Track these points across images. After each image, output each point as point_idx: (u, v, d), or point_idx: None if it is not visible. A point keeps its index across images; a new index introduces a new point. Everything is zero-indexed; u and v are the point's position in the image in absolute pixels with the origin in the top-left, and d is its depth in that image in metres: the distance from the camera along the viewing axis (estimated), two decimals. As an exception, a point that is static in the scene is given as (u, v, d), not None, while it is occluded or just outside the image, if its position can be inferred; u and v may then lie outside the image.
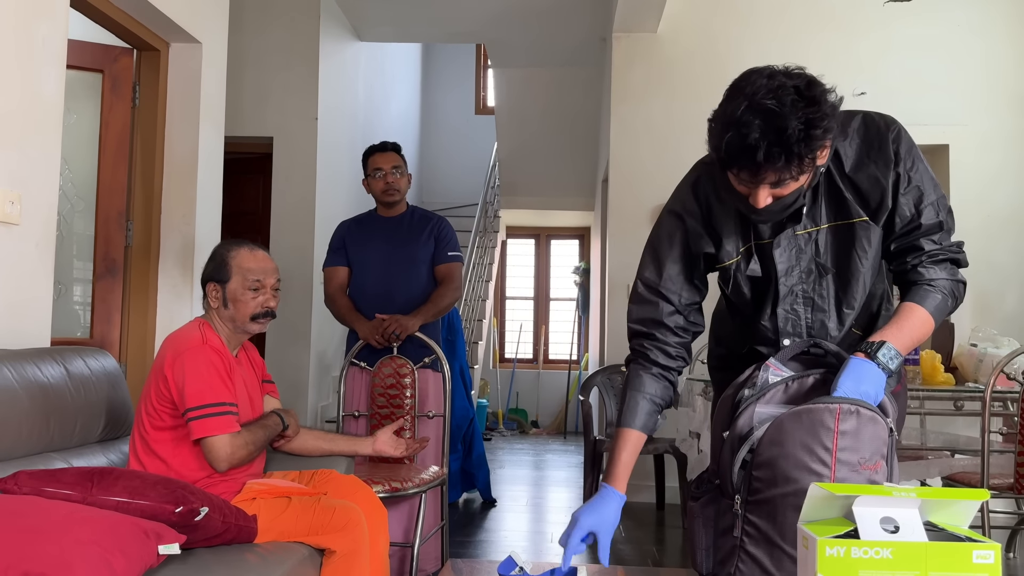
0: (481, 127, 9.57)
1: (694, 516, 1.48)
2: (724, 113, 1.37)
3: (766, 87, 1.33)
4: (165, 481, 1.80)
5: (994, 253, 4.59)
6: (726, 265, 1.58)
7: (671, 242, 1.61)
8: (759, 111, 1.32)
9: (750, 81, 1.36)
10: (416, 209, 3.32)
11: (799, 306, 1.55)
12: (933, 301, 1.50)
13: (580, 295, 8.65)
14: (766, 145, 1.31)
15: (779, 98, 1.32)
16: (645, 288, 1.63)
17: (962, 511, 1.03)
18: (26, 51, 2.37)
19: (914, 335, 1.49)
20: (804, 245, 1.53)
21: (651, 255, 1.64)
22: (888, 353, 1.43)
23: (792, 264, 1.53)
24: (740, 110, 1.33)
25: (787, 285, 1.54)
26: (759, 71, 1.38)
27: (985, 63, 4.73)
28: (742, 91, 1.36)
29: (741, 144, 1.33)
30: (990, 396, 2.67)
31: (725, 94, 1.40)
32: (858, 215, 1.50)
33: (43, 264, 2.46)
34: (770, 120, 1.31)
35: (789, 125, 1.31)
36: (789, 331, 1.56)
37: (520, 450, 7.07)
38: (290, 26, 5.21)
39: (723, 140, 1.35)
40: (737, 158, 1.35)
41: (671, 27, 4.88)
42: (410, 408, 3.06)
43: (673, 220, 1.62)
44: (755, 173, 1.36)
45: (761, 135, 1.31)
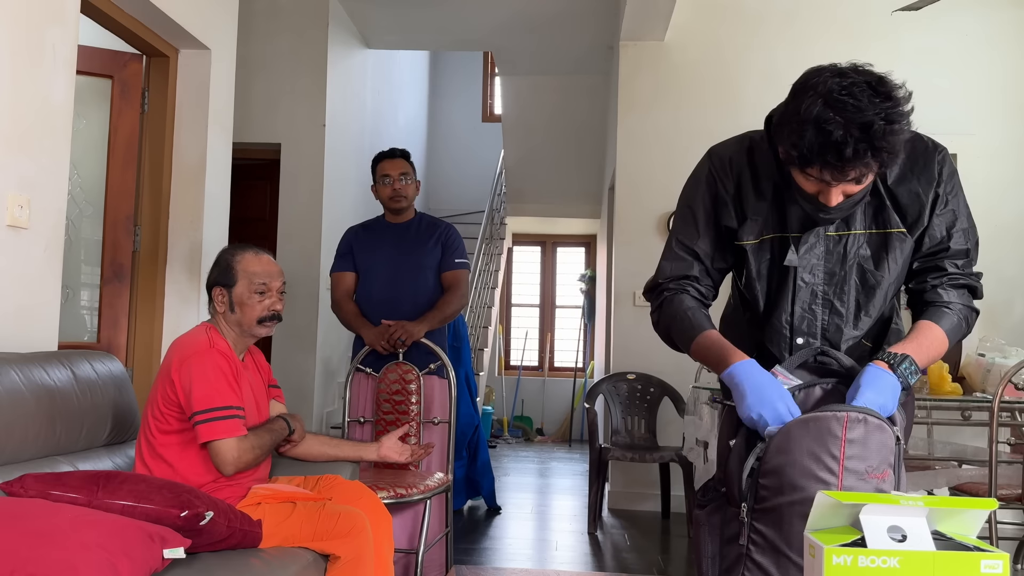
0: (488, 134, 9.59)
1: (700, 524, 1.47)
2: (797, 111, 1.34)
3: (839, 84, 1.32)
4: (171, 485, 1.80)
5: (1002, 263, 4.58)
6: (743, 245, 1.57)
7: (707, 206, 1.60)
8: (838, 108, 1.30)
9: (820, 79, 1.34)
10: (424, 216, 3.33)
11: (817, 307, 1.55)
12: (949, 322, 1.52)
13: (586, 303, 8.64)
14: (853, 141, 1.29)
15: (855, 95, 1.31)
16: (680, 246, 1.63)
17: (970, 520, 1.02)
18: (36, 56, 2.38)
19: (931, 353, 1.50)
20: (833, 247, 1.53)
21: (689, 215, 1.63)
22: (909, 368, 1.43)
23: (816, 263, 1.53)
24: (817, 108, 1.31)
25: (806, 282, 1.54)
26: (826, 69, 1.36)
27: (993, 73, 4.72)
28: (813, 88, 1.33)
29: (825, 141, 1.31)
30: (998, 406, 2.65)
31: (792, 93, 1.38)
32: (896, 226, 1.51)
33: (51, 268, 2.47)
34: (852, 116, 1.29)
35: (872, 121, 1.29)
36: (804, 330, 1.55)
37: (525, 458, 7.05)
38: (298, 33, 5.24)
39: (801, 139, 1.32)
40: (821, 155, 1.32)
41: (678, 35, 4.88)
42: (415, 414, 3.05)
43: (710, 185, 1.60)
44: (840, 170, 1.34)
45: (846, 131, 1.29)
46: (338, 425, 5.02)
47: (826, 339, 1.55)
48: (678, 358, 4.69)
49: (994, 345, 3.51)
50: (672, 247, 1.65)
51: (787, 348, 1.56)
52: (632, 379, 4.56)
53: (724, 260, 1.62)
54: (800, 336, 1.55)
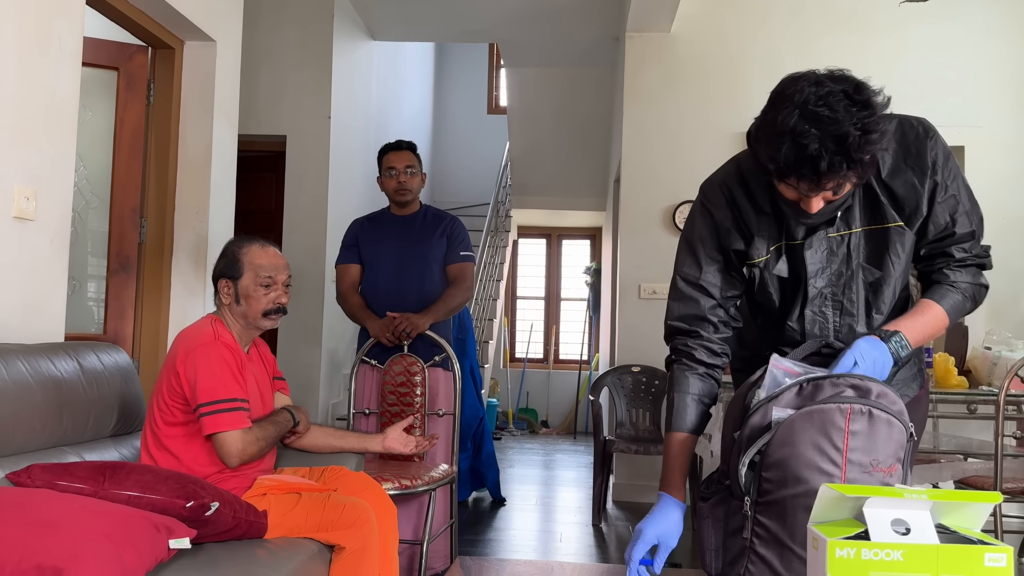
0: (493, 127, 9.58)
1: (703, 517, 1.47)
2: (774, 123, 1.33)
3: (815, 94, 1.30)
4: (176, 476, 1.81)
5: (1009, 256, 4.55)
6: (755, 263, 1.56)
7: (705, 237, 1.59)
8: (813, 119, 1.29)
9: (796, 88, 1.32)
10: (429, 208, 3.32)
11: (827, 309, 1.55)
12: (951, 300, 1.52)
13: (591, 295, 8.64)
14: (828, 155, 1.28)
15: (831, 105, 1.29)
16: (685, 283, 1.62)
17: (975, 514, 1.02)
18: (42, 48, 2.39)
19: (927, 330, 1.50)
20: (836, 247, 1.52)
21: (688, 250, 1.62)
22: (900, 342, 1.44)
23: (823, 266, 1.52)
24: (793, 119, 1.30)
25: (816, 287, 1.53)
26: (802, 77, 1.34)
27: (1001, 65, 4.69)
28: (789, 99, 1.32)
29: (801, 155, 1.30)
30: (1004, 399, 2.65)
31: (769, 102, 1.36)
32: (893, 220, 1.50)
33: (58, 260, 2.48)
34: (827, 128, 1.28)
35: (848, 132, 1.28)
36: (816, 333, 1.55)
37: (530, 450, 7.07)
38: (304, 25, 5.23)
39: (778, 151, 1.31)
40: (797, 169, 1.32)
41: (685, 27, 4.86)
42: (420, 406, 3.06)
43: (705, 216, 1.60)
44: (816, 182, 1.33)
45: (821, 144, 1.28)
46: (343, 417, 5.04)
47: (840, 341, 1.54)
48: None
49: (1000, 338, 3.50)
50: (677, 286, 1.64)
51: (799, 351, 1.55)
52: (637, 372, 4.56)
53: (734, 286, 1.61)
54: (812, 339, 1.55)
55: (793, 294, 1.56)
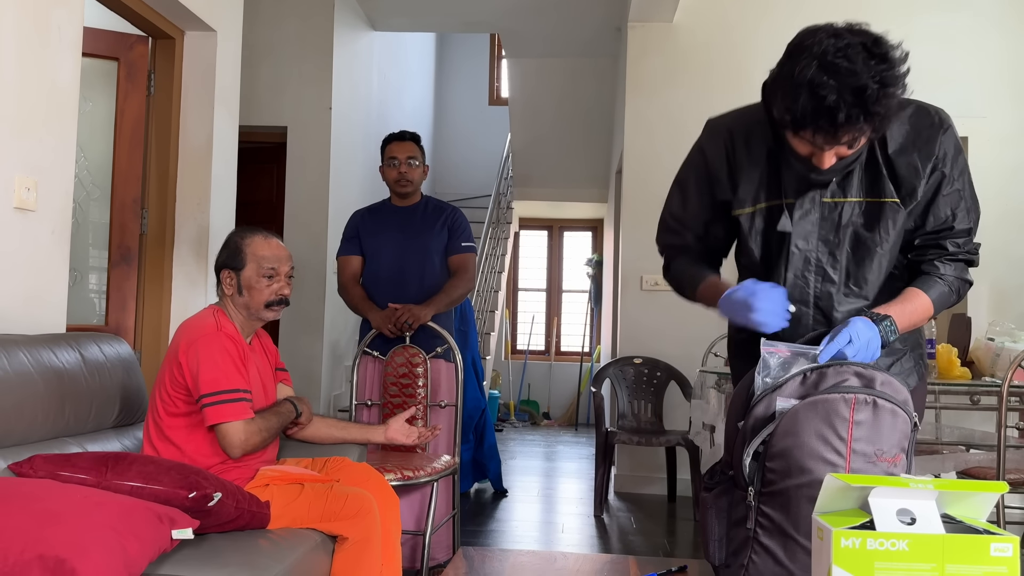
0: (495, 118, 9.55)
1: (707, 507, 1.47)
2: (791, 74, 1.31)
3: (834, 46, 1.29)
4: (179, 467, 1.81)
5: (1013, 247, 4.54)
6: (738, 216, 1.59)
7: (700, 178, 1.64)
8: (832, 71, 1.28)
9: (815, 40, 1.31)
10: (430, 199, 3.31)
11: (810, 274, 1.56)
12: (938, 292, 1.55)
13: (592, 287, 8.63)
14: (846, 107, 1.28)
15: (849, 57, 1.28)
16: (671, 218, 1.72)
17: (980, 504, 1.02)
18: (42, 38, 2.37)
19: (914, 319, 1.53)
20: (828, 213, 1.53)
21: (678, 189, 1.70)
22: (890, 327, 1.46)
23: (811, 229, 1.53)
24: (811, 70, 1.28)
25: (800, 249, 1.54)
26: (820, 28, 1.34)
27: (1006, 56, 4.67)
28: (807, 50, 1.31)
29: (818, 106, 1.29)
30: (1007, 391, 2.64)
31: (786, 54, 1.35)
32: (891, 196, 1.51)
33: (59, 251, 2.48)
34: (845, 80, 1.27)
35: (867, 85, 1.27)
36: (796, 297, 1.56)
37: (531, 441, 7.07)
38: (305, 16, 5.21)
39: (795, 102, 1.31)
40: (814, 120, 1.31)
41: (687, 16, 4.84)
42: (422, 397, 3.06)
43: (700, 159, 1.64)
44: (833, 135, 1.32)
45: (839, 96, 1.27)
46: (345, 408, 5.04)
47: (818, 308, 1.56)
48: (685, 342, 4.71)
49: (1003, 329, 3.49)
50: (664, 219, 1.74)
51: None
52: (639, 363, 4.55)
53: (716, 231, 1.67)
54: (792, 303, 1.56)
55: (776, 255, 1.57)
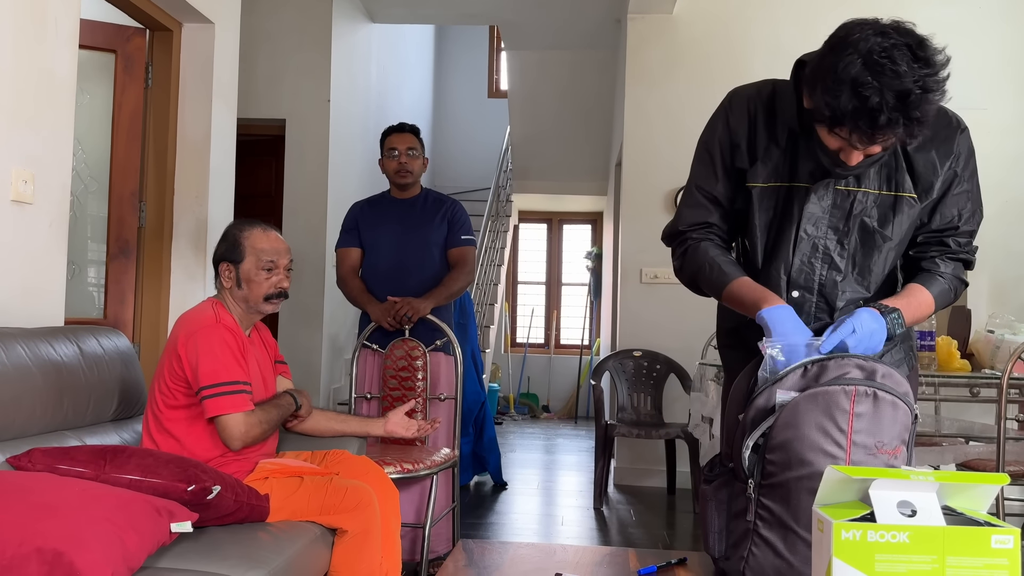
0: (494, 111, 9.53)
1: (707, 499, 1.46)
2: (834, 68, 1.29)
3: (880, 45, 1.27)
4: (178, 460, 1.81)
5: (1012, 239, 4.54)
6: (751, 187, 1.56)
7: (725, 146, 1.59)
8: (876, 71, 1.26)
9: (862, 36, 1.29)
10: (430, 192, 3.31)
11: (817, 260, 1.55)
12: (939, 288, 1.56)
13: (592, 280, 8.62)
14: (888, 110, 1.26)
15: (894, 59, 1.26)
16: (700, 192, 1.62)
17: (981, 495, 1.01)
18: (39, 31, 2.36)
19: (917, 314, 1.54)
20: (841, 201, 1.52)
21: (706, 159, 1.62)
22: (897, 320, 1.46)
23: (822, 216, 1.53)
24: (855, 68, 1.27)
25: (809, 234, 1.54)
26: (867, 24, 1.31)
27: (1006, 47, 4.65)
28: (853, 46, 1.29)
29: (861, 106, 1.27)
30: (1007, 383, 2.64)
31: (829, 46, 1.33)
32: (908, 190, 1.52)
33: (56, 243, 2.47)
34: (890, 82, 1.26)
35: (910, 89, 1.26)
36: (801, 283, 1.56)
37: (531, 434, 7.08)
38: (303, 8, 5.19)
39: (836, 99, 1.29)
40: (853, 119, 1.29)
41: (687, 8, 4.82)
42: (422, 390, 3.06)
43: (724, 125, 1.60)
44: (871, 136, 1.31)
45: (882, 98, 1.26)
46: (345, 401, 5.04)
47: (822, 295, 1.56)
48: (684, 335, 4.70)
49: (1003, 322, 3.49)
50: (692, 192, 1.64)
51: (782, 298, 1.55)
52: (638, 356, 4.55)
53: (742, 203, 1.61)
54: (796, 289, 1.56)
55: (783, 238, 1.56)
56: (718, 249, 1.61)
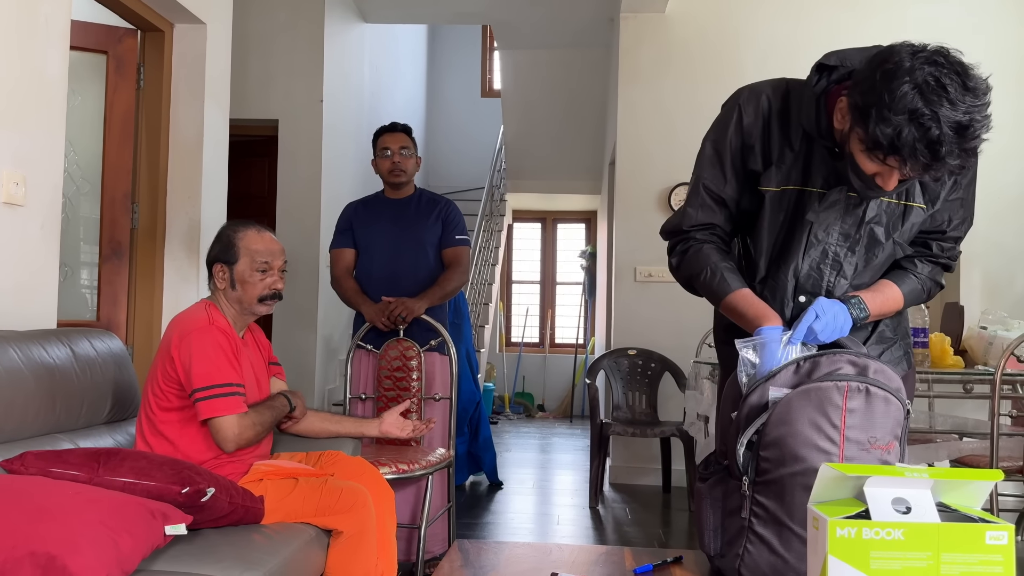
0: (487, 110, 9.52)
1: (702, 497, 1.47)
2: (889, 98, 1.27)
3: (933, 76, 1.26)
4: (171, 462, 1.80)
5: (1002, 235, 4.56)
6: (764, 191, 1.54)
7: (735, 147, 1.56)
8: (933, 103, 1.25)
9: (913, 65, 1.28)
10: (424, 192, 3.30)
11: (826, 266, 1.56)
12: (910, 287, 1.58)
13: (586, 279, 8.63)
14: (948, 142, 1.25)
15: (946, 89, 1.26)
16: (708, 193, 1.59)
17: (975, 492, 1.02)
18: (28, 31, 2.35)
19: (883, 308, 1.56)
20: (853, 208, 1.53)
21: (715, 158, 1.58)
22: (859, 304, 1.50)
23: (833, 222, 1.53)
24: (912, 98, 1.25)
25: (819, 240, 1.54)
26: (914, 51, 1.30)
27: (997, 44, 4.67)
28: (907, 74, 1.27)
29: (923, 137, 1.26)
30: (1000, 379, 2.65)
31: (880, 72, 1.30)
32: (918, 200, 1.53)
33: (48, 246, 2.46)
34: (948, 114, 1.25)
35: (970, 123, 1.26)
36: (808, 288, 1.57)
37: (526, 433, 7.08)
38: (295, 8, 5.18)
39: (894, 128, 1.27)
40: (911, 150, 1.27)
41: (680, 7, 4.82)
42: (416, 391, 3.05)
43: (738, 124, 1.56)
44: (927, 167, 1.29)
45: (941, 131, 1.25)
46: (340, 402, 5.03)
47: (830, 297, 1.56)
48: (679, 333, 4.70)
49: (996, 318, 3.50)
50: (699, 192, 1.60)
51: (789, 304, 1.57)
52: (633, 355, 4.56)
53: (748, 204, 1.59)
54: (803, 294, 1.56)
55: (793, 243, 1.55)
56: (720, 254, 1.59)
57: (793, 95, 1.53)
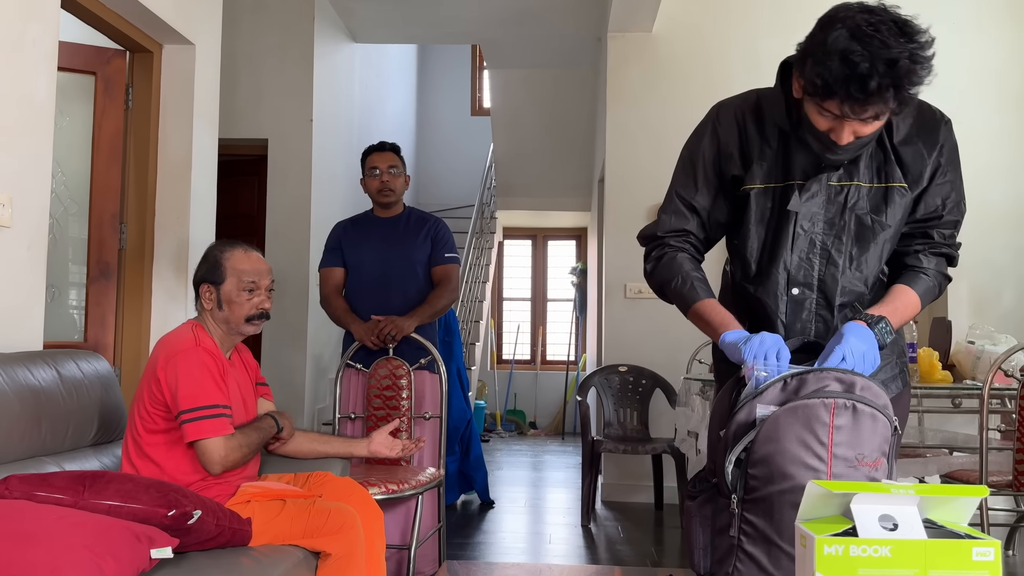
0: (477, 128, 9.56)
1: (691, 515, 1.46)
2: (824, 42, 1.35)
3: (867, 20, 1.33)
4: (158, 484, 1.79)
5: (990, 250, 4.59)
6: (749, 190, 1.59)
7: (708, 158, 1.63)
8: (865, 41, 1.31)
9: (848, 14, 1.36)
10: (413, 210, 3.31)
11: (815, 256, 1.58)
12: (924, 286, 1.60)
13: (577, 296, 8.64)
14: (878, 76, 1.31)
15: (881, 31, 1.32)
16: (679, 200, 1.66)
17: (961, 508, 1.02)
18: (16, 52, 2.35)
19: (905, 316, 1.57)
20: (834, 196, 1.56)
21: (688, 168, 1.66)
22: (885, 328, 1.50)
23: (818, 211, 1.56)
24: (844, 39, 1.32)
25: (805, 230, 1.57)
26: (852, 5, 1.38)
27: (981, 60, 4.73)
28: (841, 21, 1.35)
29: (851, 73, 1.32)
30: (988, 393, 2.66)
31: (818, 26, 1.39)
32: (899, 180, 1.56)
33: (35, 267, 2.45)
34: (878, 51, 1.31)
35: (898, 58, 1.31)
36: (800, 280, 1.59)
37: (518, 451, 7.05)
38: (284, 28, 5.20)
39: (827, 68, 1.33)
40: (844, 86, 1.33)
41: (666, 26, 4.87)
42: (406, 409, 3.04)
43: (712, 136, 1.64)
44: (862, 104, 1.35)
45: (872, 65, 1.31)
46: (329, 422, 5.00)
47: (822, 291, 1.59)
48: (669, 350, 4.71)
49: (984, 332, 3.52)
50: (672, 199, 1.68)
51: (783, 298, 1.59)
52: (624, 371, 4.56)
53: (722, 213, 1.65)
54: (796, 287, 1.58)
55: (779, 238, 1.58)
56: (692, 264, 1.64)
57: (764, 100, 1.60)
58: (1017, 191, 4.66)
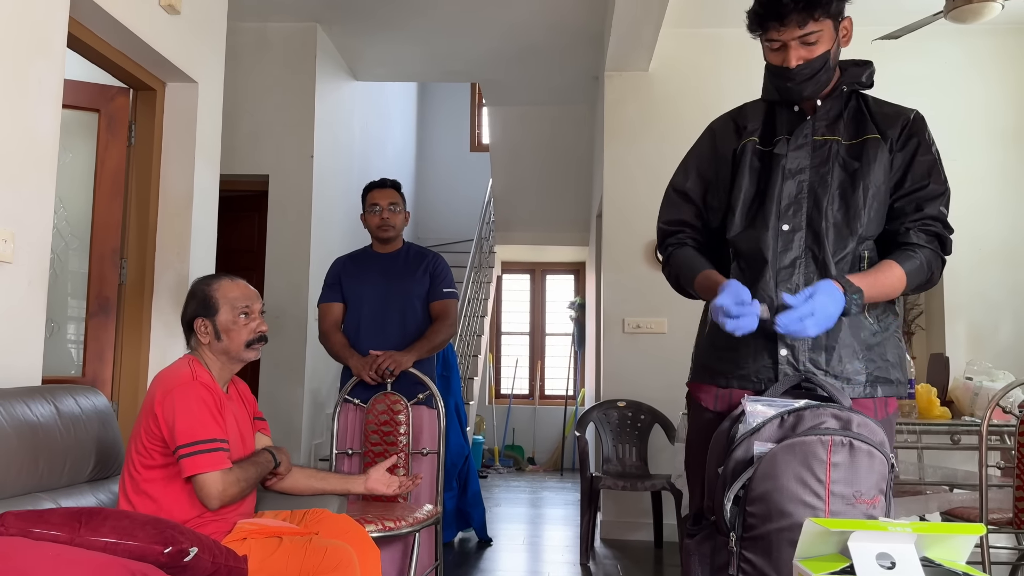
0: (476, 164, 9.64)
1: (690, 553, 1.46)
2: None
3: None
4: (154, 521, 1.78)
5: (986, 287, 4.61)
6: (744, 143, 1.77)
7: (702, 153, 1.86)
8: None
9: None
10: (412, 246, 3.33)
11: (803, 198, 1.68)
12: (912, 264, 1.64)
13: (575, 330, 8.64)
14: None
15: None
16: (673, 191, 1.90)
17: (959, 546, 1.02)
18: (22, 90, 2.39)
19: (884, 290, 1.62)
20: (819, 147, 1.70)
21: (683, 166, 1.90)
22: (856, 300, 1.55)
23: (802, 158, 1.69)
24: None
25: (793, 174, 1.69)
26: None
27: (974, 99, 4.80)
28: None
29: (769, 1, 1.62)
30: (986, 430, 2.66)
31: None
32: (872, 132, 1.69)
33: (35, 303, 2.46)
34: None
35: None
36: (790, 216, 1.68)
37: (517, 487, 7.00)
38: (286, 66, 5.27)
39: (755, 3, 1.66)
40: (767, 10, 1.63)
41: (662, 65, 4.95)
42: (404, 445, 3.03)
43: (707, 134, 1.90)
44: (783, 19, 1.60)
45: None
46: (326, 457, 4.97)
47: (811, 227, 1.66)
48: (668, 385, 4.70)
49: (981, 369, 3.53)
50: (668, 194, 1.90)
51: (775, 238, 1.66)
52: (623, 406, 4.54)
53: (716, 197, 1.80)
54: (786, 222, 1.68)
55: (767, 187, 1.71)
56: (693, 250, 1.82)
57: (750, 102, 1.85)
58: (1010, 227, 4.69)
